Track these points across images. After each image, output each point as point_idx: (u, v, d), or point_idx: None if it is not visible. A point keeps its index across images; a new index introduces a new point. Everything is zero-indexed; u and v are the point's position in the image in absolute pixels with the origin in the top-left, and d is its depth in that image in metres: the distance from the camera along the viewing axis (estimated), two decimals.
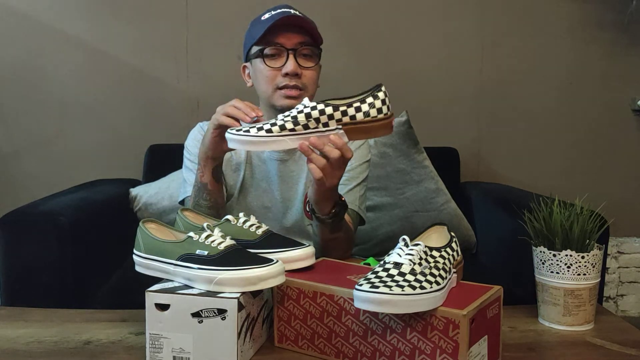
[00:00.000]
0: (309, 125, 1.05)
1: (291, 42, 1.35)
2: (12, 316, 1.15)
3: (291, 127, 1.05)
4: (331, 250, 1.30)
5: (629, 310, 2.44)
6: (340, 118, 1.05)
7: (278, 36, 1.35)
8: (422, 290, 0.83)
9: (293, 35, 1.35)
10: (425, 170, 1.95)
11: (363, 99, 1.06)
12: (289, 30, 1.34)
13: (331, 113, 1.05)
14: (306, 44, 1.36)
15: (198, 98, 2.24)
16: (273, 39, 1.35)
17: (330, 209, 1.21)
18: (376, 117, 1.06)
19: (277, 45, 1.35)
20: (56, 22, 2.20)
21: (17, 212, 1.52)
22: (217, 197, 1.30)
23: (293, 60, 1.34)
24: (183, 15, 2.23)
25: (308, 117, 1.05)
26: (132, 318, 1.11)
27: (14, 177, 2.23)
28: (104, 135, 2.24)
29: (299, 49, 1.35)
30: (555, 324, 1.09)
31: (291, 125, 1.05)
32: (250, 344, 0.94)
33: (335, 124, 1.05)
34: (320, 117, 1.05)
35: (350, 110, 1.05)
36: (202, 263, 0.92)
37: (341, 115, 1.05)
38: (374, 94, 1.06)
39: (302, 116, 1.05)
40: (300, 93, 1.35)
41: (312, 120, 1.05)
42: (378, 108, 1.06)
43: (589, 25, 2.33)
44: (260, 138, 1.05)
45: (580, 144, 2.38)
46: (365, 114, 1.05)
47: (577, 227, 1.08)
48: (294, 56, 1.34)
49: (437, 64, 2.32)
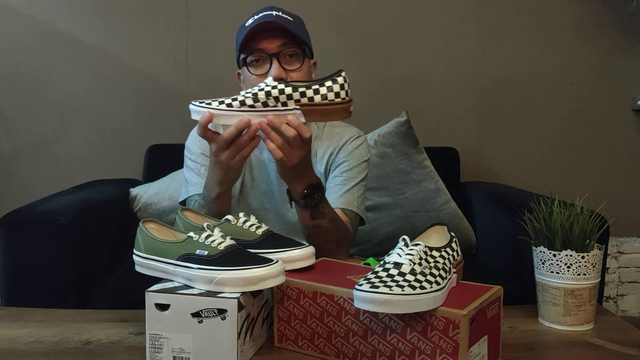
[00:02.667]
0: (268, 104, 1.10)
1: (273, 46, 1.32)
2: (12, 316, 1.15)
3: (251, 104, 1.10)
4: (318, 242, 1.27)
5: (629, 310, 2.44)
6: (299, 99, 1.09)
7: (260, 42, 1.32)
8: (422, 290, 0.83)
9: (274, 39, 1.32)
10: (425, 170, 1.95)
11: (322, 82, 1.11)
12: (270, 34, 1.32)
13: (290, 93, 1.09)
14: (289, 46, 1.33)
15: (198, 98, 2.22)
16: (255, 46, 1.33)
17: (302, 189, 1.21)
18: (334, 100, 1.11)
19: (259, 52, 1.33)
20: (56, 22, 2.20)
21: (17, 212, 1.52)
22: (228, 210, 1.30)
23: (277, 65, 1.32)
24: (183, 15, 2.23)
25: (268, 95, 1.09)
26: (132, 318, 1.11)
27: (14, 177, 2.23)
28: (104, 135, 2.24)
29: (282, 51, 1.32)
30: (555, 324, 1.09)
31: (251, 102, 1.10)
32: (250, 344, 0.94)
33: (294, 104, 1.10)
34: (279, 96, 1.09)
35: (308, 92, 1.10)
36: (202, 263, 0.92)
37: (300, 96, 1.09)
38: (333, 78, 1.11)
39: (262, 94, 1.10)
40: None
41: (272, 99, 1.09)
42: (336, 92, 1.11)
43: (589, 25, 2.33)
44: (221, 111, 1.11)
45: (580, 144, 2.38)
46: (323, 96, 1.10)
47: (577, 227, 1.08)
48: (278, 60, 1.32)
49: (437, 64, 2.32)
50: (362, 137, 1.50)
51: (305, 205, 1.23)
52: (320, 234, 1.28)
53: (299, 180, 1.20)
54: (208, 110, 1.12)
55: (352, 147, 1.46)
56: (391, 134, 1.94)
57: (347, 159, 1.44)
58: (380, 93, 2.29)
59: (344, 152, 1.45)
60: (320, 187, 1.24)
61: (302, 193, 1.22)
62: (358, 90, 2.28)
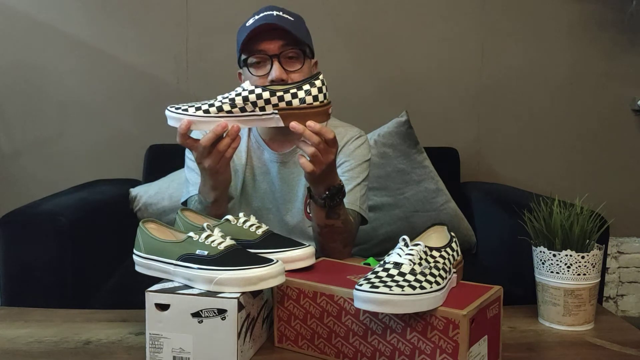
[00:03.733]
0: (246, 109, 1.09)
1: (274, 47, 1.32)
2: (12, 316, 1.15)
3: (228, 109, 1.09)
4: (328, 242, 1.29)
5: (629, 310, 2.44)
6: (277, 103, 1.09)
7: (260, 43, 1.32)
8: (422, 290, 0.83)
9: (275, 41, 1.32)
10: (425, 170, 1.95)
11: (300, 86, 1.10)
12: (271, 35, 1.31)
13: (268, 98, 1.08)
14: (290, 46, 1.33)
15: (198, 98, 2.23)
16: (256, 47, 1.33)
17: (324, 190, 1.22)
18: (312, 104, 1.10)
19: (260, 53, 1.33)
20: (56, 22, 2.20)
21: (17, 212, 1.52)
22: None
23: (277, 66, 1.31)
24: (183, 15, 2.23)
25: (245, 100, 1.09)
26: (132, 318, 1.11)
27: (14, 177, 2.23)
28: (104, 135, 2.24)
29: (283, 52, 1.32)
30: (555, 324, 1.09)
31: (228, 107, 1.09)
32: (250, 344, 0.94)
33: (272, 109, 1.09)
34: (257, 101, 1.09)
35: (287, 96, 1.09)
36: (202, 263, 0.92)
37: (277, 100, 1.09)
38: (311, 81, 1.10)
39: (239, 99, 1.09)
40: None
41: (249, 104, 1.09)
42: (314, 95, 1.10)
43: (589, 25, 2.33)
44: (198, 118, 1.10)
45: (580, 144, 2.38)
46: (301, 100, 1.09)
47: (577, 227, 1.08)
48: (279, 61, 1.32)
49: (437, 64, 2.31)
50: (363, 137, 1.51)
51: (324, 205, 1.24)
52: (330, 233, 1.30)
53: (323, 182, 1.21)
54: (186, 118, 1.11)
55: (353, 147, 1.46)
56: (391, 134, 1.94)
57: (349, 159, 1.44)
58: (380, 93, 2.29)
59: (345, 152, 1.45)
60: (341, 190, 1.25)
61: (324, 194, 1.23)
62: (358, 90, 2.30)
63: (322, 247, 1.34)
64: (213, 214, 1.23)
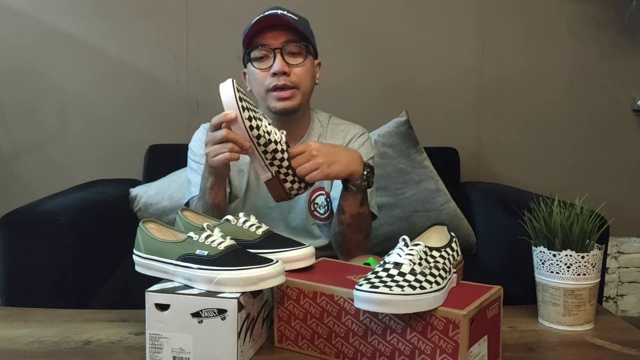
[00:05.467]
0: (267, 150, 1.15)
1: (277, 42, 1.35)
2: (12, 316, 1.15)
3: (264, 142, 1.14)
4: (355, 233, 1.31)
5: (629, 310, 2.44)
6: (280, 164, 1.18)
7: (264, 37, 1.35)
8: (422, 290, 0.83)
9: (278, 34, 1.35)
10: (425, 170, 1.95)
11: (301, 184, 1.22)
12: (275, 29, 1.35)
13: (282, 157, 1.17)
14: (292, 41, 1.35)
15: (198, 98, 2.24)
16: (259, 41, 1.35)
17: (361, 168, 1.26)
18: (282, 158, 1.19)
19: (263, 47, 1.35)
20: (56, 22, 2.20)
21: (17, 212, 1.51)
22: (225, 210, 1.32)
23: (279, 59, 1.34)
24: (183, 15, 2.23)
25: (275, 151, 1.16)
26: (132, 318, 1.11)
27: (14, 177, 2.23)
28: (104, 135, 2.24)
29: (285, 46, 1.35)
30: (555, 324, 1.09)
31: (264, 141, 1.14)
32: (250, 344, 0.94)
33: (271, 168, 1.18)
34: (276, 155, 1.16)
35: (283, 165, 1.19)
36: (202, 263, 0.92)
37: (279, 162, 1.18)
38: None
39: (273, 145, 1.16)
40: (293, 92, 1.36)
41: (270, 152, 1.16)
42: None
43: (589, 25, 2.33)
44: (241, 121, 1.12)
45: (580, 143, 2.38)
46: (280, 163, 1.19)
47: (577, 227, 1.08)
48: (281, 54, 1.34)
49: (437, 64, 2.31)
50: (366, 134, 1.52)
51: (368, 185, 1.27)
52: (359, 223, 1.32)
53: (350, 164, 1.24)
54: (237, 113, 1.12)
55: (357, 145, 1.47)
56: (391, 134, 1.94)
57: None
58: (380, 93, 2.29)
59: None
60: (368, 164, 1.29)
61: (363, 172, 1.26)
62: (358, 90, 2.30)
63: (344, 243, 1.35)
64: (210, 202, 1.25)
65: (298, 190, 1.20)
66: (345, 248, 1.34)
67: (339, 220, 1.34)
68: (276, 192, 1.19)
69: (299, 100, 1.38)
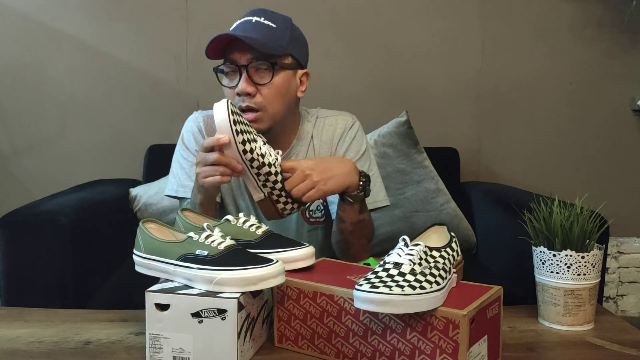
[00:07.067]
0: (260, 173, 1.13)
1: (244, 58, 1.24)
2: (12, 316, 1.15)
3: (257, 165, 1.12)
4: (358, 239, 1.28)
5: (629, 310, 2.44)
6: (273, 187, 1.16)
7: (232, 51, 1.25)
8: (422, 290, 0.83)
9: (244, 52, 1.23)
10: (425, 170, 1.95)
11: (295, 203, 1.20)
12: (242, 44, 1.22)
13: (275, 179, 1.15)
14: (260, 59, 1.23)
15: (198, 98, 2.24)
16: (227, 55, 1.26)
17: (357, 179, 1.22)
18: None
19: (231, 62, 1.25)
20: (56, 22, 2.20)
21: (17, 212, 1.52)
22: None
23: (245, 78, 1.23)
24: (183, 15, 2.23)
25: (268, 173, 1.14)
26: (132, 318, 1.11)
27: (14, 177, 2.23)
28: (104, 135, 2.24)
29: (252, 64, 1.23)
30: (555, 324, 1.09)
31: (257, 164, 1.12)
32: (250, 344, 0.94)
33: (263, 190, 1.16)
34: (269, 177, 1.14)
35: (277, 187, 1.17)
36: (202, 263, 0.92)
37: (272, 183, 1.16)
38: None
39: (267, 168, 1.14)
40: (257, 115, 1.25)
41: (263, 175, 1.14)
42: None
43: (589, 25, 2.33)
44: (234, 145, 1.09)
45: (580, 143, 2.38)
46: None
47: (577, 227, 1.08)
48: (247, 73, 1.23)
49: (437, 64, 2.32)
50: (355, 124, 1.43)
51: (365, 194, 1.24)
52: (361, 228, 1.29)
53: (346, 177, 1.21)
54: (230, 138, 1.08)
55: (348, 141, 1.41)
56: (391, 134, 1.94)
57: (348, 154, 1.40)
58: (380, 93, 2.29)
59: (343, 147, 1.40)
60: (363, 172, 1.26)
61: (359, 183, 1.23)
62: (358, 90, 2.30)
63: (348, 248, 1.33)
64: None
65: (291, 210, 1.19)
66: (350, 253, 1.32)
67: (339, 229, 1.31)
68: (269, 211, 1.18)
69: (266, 124, 1.27)
